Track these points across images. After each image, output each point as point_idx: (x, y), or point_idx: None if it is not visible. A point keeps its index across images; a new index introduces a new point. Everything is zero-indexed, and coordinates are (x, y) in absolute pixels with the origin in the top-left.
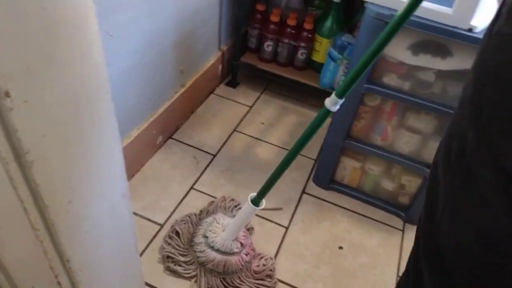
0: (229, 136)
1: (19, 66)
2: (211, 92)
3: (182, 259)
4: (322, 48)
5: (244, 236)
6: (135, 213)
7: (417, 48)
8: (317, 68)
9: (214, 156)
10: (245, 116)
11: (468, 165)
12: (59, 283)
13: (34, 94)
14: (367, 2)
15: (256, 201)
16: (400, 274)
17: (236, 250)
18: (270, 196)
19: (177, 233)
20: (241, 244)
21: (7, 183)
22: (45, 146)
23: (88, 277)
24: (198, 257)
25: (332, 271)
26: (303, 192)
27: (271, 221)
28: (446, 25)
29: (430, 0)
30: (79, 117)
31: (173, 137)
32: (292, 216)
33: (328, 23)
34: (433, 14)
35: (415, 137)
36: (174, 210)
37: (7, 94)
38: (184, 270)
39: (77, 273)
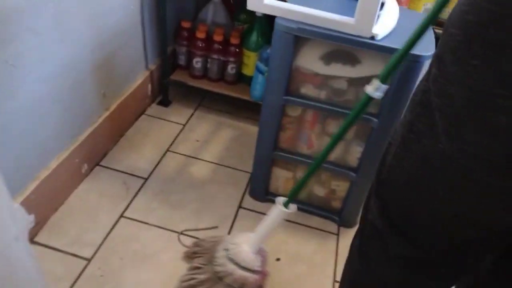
0: (162, 157)
1: None
2: (142, 113)
3: (203, 277)
4: (251, 61)
5: (263, 255)
6: (58, 250)
7: (328, 57)
8: (248, 81)
9: (146, 179)
10: (178, 134)
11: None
12: None
13: None
14: (276, 16)
15: (286, 204)
16: (337, 278)
17: (256, 268)
18: (205, 214)
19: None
20: (262, 261)
21: None
22: None
23: None
24: (216, 271)
25: (271, 284)
26: (240, 206)
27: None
28: (351, 34)
29: (335, 11)
30: None
31: (101, 163)
32: (229, 232)
33: (253, 37)
34: (338, 25)
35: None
36: (102, 242)
37: None
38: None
39: None
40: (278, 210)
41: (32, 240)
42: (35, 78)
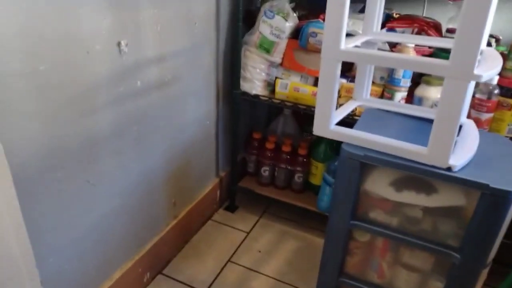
0: (222, 268)
1: None
2: (209, 218)
3: None
4: (319, 171)
5: None
6: None
7: (400, 184)
8: (315, 190)
9: None
10: (241, 243)
11: None
12: None
13: None
14: (342, 142)
15: None
16: None
17: None
18: None
19: None
20: None
21: None
22: None
23: None
24: None
25: None
26: None
27: None
28: (424, 164)
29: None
30: None
31: (163, 272)
32: None
33: (321, 148)
34: (409, 154)
35: (413, 275)
36: None
37: None
38: None
39: None
40: None
41: None
42: (111, 194)
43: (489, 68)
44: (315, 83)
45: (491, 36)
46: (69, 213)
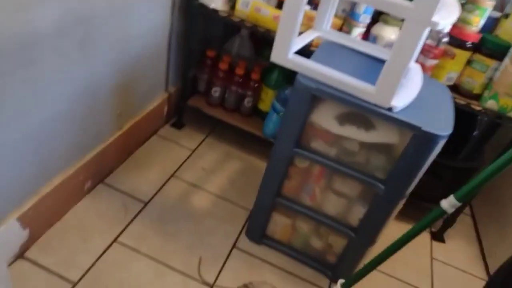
0: (165, 182)
1: None
2: (154, 132)
3: None
4: (268, 98)
5: None
6: (46, 269)
7: (343, 118)
8: (263, 116)
9: (146, 203)
10: (186, 160)
11: None
12: None
13: None
14: (297, 72)
15: None
16: None
17: None
18: (198, 249)
19: None
20: None
21: None
22: None
23: None
24: None
25: None
26: (234, 246)
27: (195, 279)
28: (369, 102)
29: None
30: None
31: (105, 181)
32: (219, 273)
33: (274, 75)
34: (357, 91)
35: (341, 200)
36: (91, 266)
37: None
38: None
39: None
40: None
41: (22, 255)
42: (53, 98)
43: (446, 16)
44: (278, 6)
45: None
46: (6, 114)
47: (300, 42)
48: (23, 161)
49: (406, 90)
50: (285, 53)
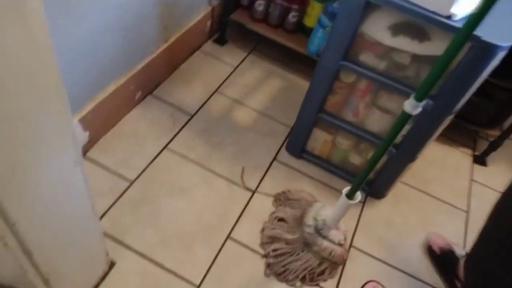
0: (209, 97)
1: None
2: (197, 48)
3: (290, 237)
4: (314, 13)
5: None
6: (106, 168)
7: (397, 29)
8: (307, 32)
9: (192, 116)
10: (228, 76)
11: None
12: (6, 244)
13: None
14: None
15: (350, 195)
16: (354, 244)
17: (342, 242)
18: (241, 159)
19: (282, 219)
20: (344, 237)
21: None
22: None
23: (39, 237)
24: (306, 238)
25: None
26: (274, 159)
27: (239, 184)
28: (427, 9)
29: None
30: (20, 88)
31: (153, 93)
32: (260, 181)
33: None
34: None
35: (385, 117)
36: (145, 168)
37: None
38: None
39: (25, 235)
40: (343, 201)
41: (84, 155)
42: (105, 5)
43: None
44: None
45: None
46: (62, 20)
47: None
48: (82, 66)
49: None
50: None
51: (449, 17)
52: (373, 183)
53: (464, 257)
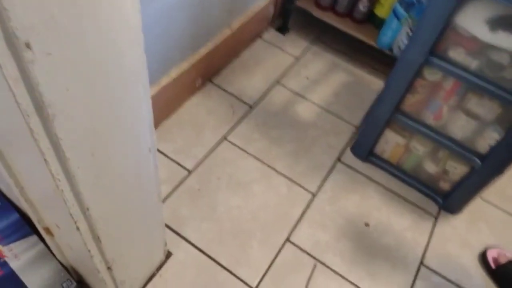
0: (270, 88)
1: (41, 16)
2: (259, 36)
3: None
4: (388, 2)
5: None
6: (166, 156)
7: (497, 23)
8: (378, 24)
9: (251, 107)
10: (290, 68)
11: None
12: (78, 228)
13: (58, 46)
14: None
15: None
16: (425, 263)
17: None
18: (301, 157)
19: None
20: None
21: (27, 135)
22: (68, 99)
23: (108, 224)
24: None
25: (353, 247)
26: (338, 159)
27: (299, 185)
28: None
29: None
30: (105, 71)
31: (213, 81)
32: (322, 183)
33: None
34: None
35: (472, 123)
36: (204, 159)
37: (28, 46)
38: None
39: (97, 221)
40: None
41: None
42: None
43: None
44: None
45: None
46: None
47: None
48: (149, 49)
49: None
50: None
51: None
52: (449, 195)
53: None
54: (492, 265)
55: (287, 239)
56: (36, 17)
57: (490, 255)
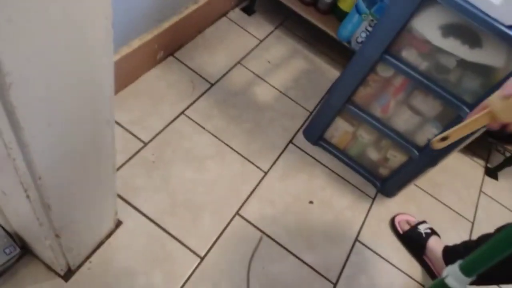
0: (231, 68)
1: None
2: (224, 14)
3: None
4: None
5: None
6: (121, 125)
7: (449, 30)
8: (340, 16)
9: (212, 85)
10: (253, 49)
11: None
12: (28, 196)
13: (20, 13)
14: None
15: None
16: (360, 239)
17: None
18: (257, 137)
19: None
20: None
21: None
22: (28, 68)
23: (59, 193)
24: None
25: (297, 222)
26: (290, 141)
27: (252, 163)
28: (488, 15)
29: None
30: (68, 41)
31: (175, 55)
32: (274, 162)
33: None
34: (479, 0)
35: (415, 118)
36: (160, 131)
37: None
38: None
39: (48, 189)
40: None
41: None
42: None
43: None
44: None
45: None
46: None
47: None
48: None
49: None
50: None
51: (510, 27)
52: (387, 181)
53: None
54: (400, 231)
55: (237, 213)
56: None
57: (397, 221)
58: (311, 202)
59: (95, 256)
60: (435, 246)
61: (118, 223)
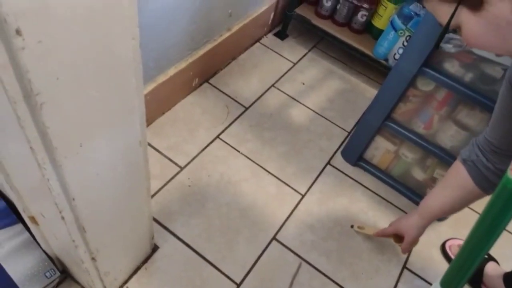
0: (265, 91)
1: (33, 2)
2: (258, 40)
3: None
4: (386, 13)
5: None
6: (158, 151)
7: None
8: (376, 34)
9: (246, 108)
10: (286, 72)
11: None
12: (63, 217)
13: (49, 34)
14: None
15: None
16: (408, 266)
17: None
18: (292, 159)
19: None
20: None
21: (15, 123)
22: (58, 88)
23: (94, 214)
24: None
25: (339, 248)
26: (328, 163)
27: (289, 185)
28: None
29: None
30: (97, 61)
31: (210, 81)
32: (311, 185)
33: None
34: None
35: (461, 133)
36: (196, 156)
37: (18, 33)
38: None
39: (82, 211)
40: None
41: None
42: None
43: None
44: None
45: None
46: None
47: None
48: (148, 47)
49: None
50: None
51: None
52: None
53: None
54: (452, 256)
55: (274, 238)
56: (27, 3)
57: (448, 246)
58: (352, 226)
59: (132, 281)
60: (494, 272)
61: (155, 248)
